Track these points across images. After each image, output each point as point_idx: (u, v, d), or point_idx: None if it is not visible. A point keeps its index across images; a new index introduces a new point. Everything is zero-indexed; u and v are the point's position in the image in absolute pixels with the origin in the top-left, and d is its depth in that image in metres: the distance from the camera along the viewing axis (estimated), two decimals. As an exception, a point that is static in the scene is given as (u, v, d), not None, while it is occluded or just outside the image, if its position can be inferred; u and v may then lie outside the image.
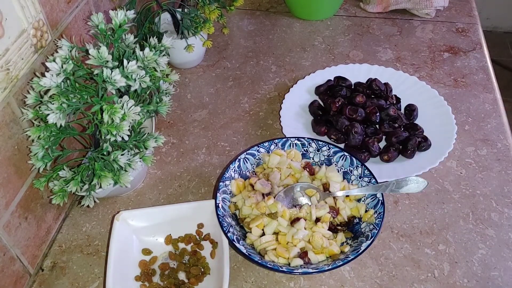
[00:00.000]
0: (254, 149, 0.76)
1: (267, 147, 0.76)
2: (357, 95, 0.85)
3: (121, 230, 0.66)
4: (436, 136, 0.81)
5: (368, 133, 0.82)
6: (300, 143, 0.77)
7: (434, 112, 0.86)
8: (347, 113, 0.83)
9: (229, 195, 0.71)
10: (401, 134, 0.80)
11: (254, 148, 0.76)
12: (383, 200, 0.68)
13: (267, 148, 0.76)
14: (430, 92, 0.89)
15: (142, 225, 0.69)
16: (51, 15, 0.68)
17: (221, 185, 0.71)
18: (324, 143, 0.76)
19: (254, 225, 0.66)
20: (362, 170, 0.72)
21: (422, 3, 1.11)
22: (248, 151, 0.75)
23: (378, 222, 0.65)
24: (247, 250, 0.64)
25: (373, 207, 0.68)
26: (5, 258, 0.62)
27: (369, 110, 0.84)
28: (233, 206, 0.71)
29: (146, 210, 0.70)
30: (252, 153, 0.76)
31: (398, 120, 0.84)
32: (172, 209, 0.70)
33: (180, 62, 1.02)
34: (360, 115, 0.83)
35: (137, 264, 0.67)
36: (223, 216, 0.67)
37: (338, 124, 0.83)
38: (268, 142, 0.77)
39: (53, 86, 0.59)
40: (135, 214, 0.68)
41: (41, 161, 0.63)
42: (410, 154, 0.79)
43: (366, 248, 0.62)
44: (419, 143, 0.80)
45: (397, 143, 0.80)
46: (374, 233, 0.64)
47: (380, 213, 0.66)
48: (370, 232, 0.65)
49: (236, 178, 0.73)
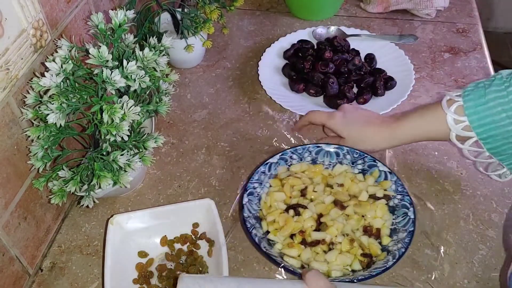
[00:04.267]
0: (286, 154, 0.75)
1: (300, 154, 0.76)
2: (325, 51, 0.95)
3: (116, 234, 0.66)
4: (398, 75, 0.94)
5: (340, 83, 0.92)
6: (335, 152, 0.76)
7: (390, 57, 0.99)
8: (319, 68, 0.93)
9: (256, 197, 0.71)
10: (369, 78, 0.93)
11: (286, 153, 0.75)
12: (414, 218, 0.67)
13: (300, 155, 0.76)
14: (381, 42, 1.03)
15: (136, 227, 0.68)
16: (50, 14, 0.68)
17: (249, 186, 0.70)
18: (360, 155, 0.75)
19: (291, 252, 0.65)
20: (396, 185, 0.71)
21: (423, 4, 1.11)
22: (281, 155, 0.75)
23: (408, 241, 0.64)
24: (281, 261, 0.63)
25: (404, 225, 0.67)
26: (4, 258, 0.62)
27: (338, 63, 0.94)
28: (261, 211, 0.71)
29: (140, 212, 0.69)
30: (284, 158, 0.75)
31: (363, 68, 0.95)
32: (166, 210, 0.70)
33: (180, 62, 1.02)
34: (331, 68, 0.93)
35: (134, 267, 0.67)
36: (248, 218, 0.67)
37: (314, 79, 0.93)
38: (302, 148, 0.76)
39: (52, 86, 0.59)
40: (129, 217, 0.68)
41: (40, 161, 0.63)
42: (381, 93, 0.91)
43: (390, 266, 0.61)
44: (386, 82, 0.92)
45: (367, 86, 0.92)
46: (402, 252, 0.63)
47: (410, 231, 0.65)
48: (398, 250, 0.63)
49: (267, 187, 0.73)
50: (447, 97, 0.68)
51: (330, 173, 0.76)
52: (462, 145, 0.68)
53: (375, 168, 0.74)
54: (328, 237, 0.66)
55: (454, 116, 0.66)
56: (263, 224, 0.69)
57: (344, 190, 0.72)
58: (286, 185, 0.72)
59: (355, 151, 0.76)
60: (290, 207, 0.70)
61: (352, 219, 0.68)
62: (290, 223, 0.67)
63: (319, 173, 0.75)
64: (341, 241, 0.66)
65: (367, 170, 0.75)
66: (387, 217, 0.69)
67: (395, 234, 0.67)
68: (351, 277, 0.61)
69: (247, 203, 0.69)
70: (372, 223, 0.68)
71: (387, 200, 0.71)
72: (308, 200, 0.71)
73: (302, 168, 0.76)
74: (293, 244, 0.66)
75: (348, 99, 0.90)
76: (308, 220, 0.68)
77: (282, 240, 0.67)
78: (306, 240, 0.67)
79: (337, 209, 0.69)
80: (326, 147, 0.76)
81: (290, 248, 0.66)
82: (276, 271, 0.68)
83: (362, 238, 0.67)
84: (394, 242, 0.66)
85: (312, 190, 0.72)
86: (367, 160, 0.75)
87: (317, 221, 0.68)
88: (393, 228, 0.68)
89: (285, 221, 0.68)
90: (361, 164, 0.75)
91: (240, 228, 0.73)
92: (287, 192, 0.72)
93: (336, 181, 0.74)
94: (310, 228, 0.67)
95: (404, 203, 0.69)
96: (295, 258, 0.65)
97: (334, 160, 0.77)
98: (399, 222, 0.68)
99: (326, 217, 0.68)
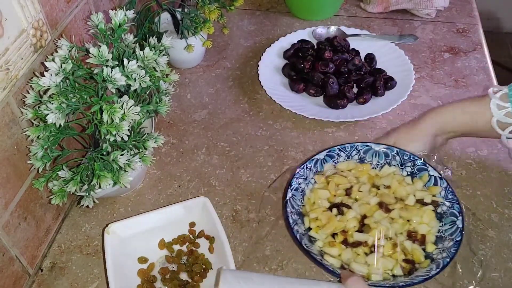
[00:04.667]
0: (334, 151, 0.74)
1: (348, 151, 0.75)
2: (325, 51, 0.95)
3: (114, 243, 0.65)
4: (398, 75, 0.94)
5: (340, 82, 0.92)
6: (384, 153, 0.74)
7: (390, 57, 0.99)
8: (319, 68, 0.93)
9: (300, 193, 0.71)
10: (368, 78, 0.92)
11: (334, 150, 0.74)
12: (462, 228, 0.64)
13: (348, 153, 0.75)
14: (381, 42, 1.03)
15: (132, 234, 0.68)
16: (50, 14, 0.68)
17: (294, 181, 0.70)
18: (411, 157, 0.73)
19: (332, 251, 0.65)
20: (445, 191, 0.69)
21: (423, 4, 1.11)
22: (328, 152, 0.74)
23: (454, 251, 0.62)
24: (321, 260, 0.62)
25: (451, 234, 0.65)
26: (4, 258, 0.62)
27: (338, 62, 0.94)
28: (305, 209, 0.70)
29: (134, 219, 0.69)
30: (331, 155, 0.74)
31: (363, 68, 0.95)
32: (161, 213, 0.69)
33: (180, 62, 1.02)
34: (331, 68, 0.93)
35: (136, 273, 0.66)
36: (291, 213, 0.66)
37: (314, 79, 0.93)
38: (351, 146, 0.75)
39: (52, 85, 0.59)
40: (124, 225, 0.67)
41: (40, 161, 0.63)
42: (381, 93, 0.91)
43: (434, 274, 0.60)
44: (386, 82, 0.92)
45: (367, 86, 0.92)
46: (446, 261, 0.61)
47: (457, 241, 0.63)
48: (442, 259, 0.61)
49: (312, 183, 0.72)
50: (494, 88, 0.72)
51: (377, 174, 0.74)
52: (502, 131, 0.70)
53: (425, 172, 0.71)
54: (370, 240, 0.64)
55: (498, 102, 0.69)
56: (305, 220, 0.68)
57: (391, 192, 0.70)
58: (331, 183, 0.71)
59: (405, 153, 0.73)
60: (334, 206, 0.69)
61: (396, 222, 0.66)
62: (333, 222, 0.66)
63: (365, 173, 0.73)
64: (384, 245, 0.64)
65: (416, 173, 0.72)
66: (433, 223, 0.67)
67: (441, 242, 0.65)
68: (392, 283, 0.60)
69: (290, 198, 0.68)
70: (417, 229, 0.66)
71: (435, 206, 0.68)
72: (352, 200, 0.69)
73: (349, 167, 0.74)
74: (334, 243, 0.65)
75: (348, 99, 0.90)
76: (351, 221, 0.66)
77: (324, 238, 0.66)
78: (348, 241, 0.65)
79: (381, 212, 0.67)
80: (376, 146, 0.75)
81: (331, 247, 0.65)
82: (276, 271, 0.68)
83: (406, 243, 0.65)
84: (439, 250, 0.64)
85: (357, 189, 0.70)
86: (417, 163, 0.72)
87: (360, 222, 0.67)
88: (439, 236, 0.66)
89: (327, 219, 0.67)
90: (410, 166, 0.73)
91: (239, 228, 0.73)
92: (332, 190, 0.70)
93: (383, 182, 0.71)
94: (353, 229, 0.66)
95: (453, 211, 0.66)
96: (335, 258, 0.64)
97: (383, 161, 0.75)
98: (446, 230, 0.65)
99: (370, 218, 0.66)
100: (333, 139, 0.86)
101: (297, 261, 0.69)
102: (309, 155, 0.83)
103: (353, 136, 0.86)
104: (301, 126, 0.89)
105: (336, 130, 0.88)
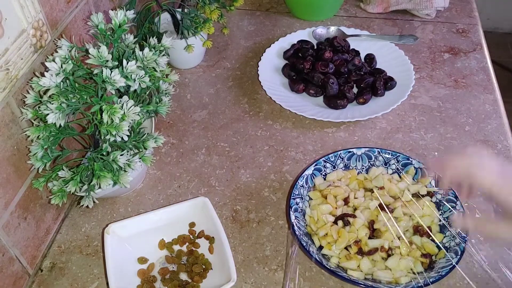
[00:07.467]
0: (320, 164, 0.74)
1: (333, 161, 0.75)
2: (325, 51, 0.96)
3: (114, 243, 0.65)
4: (398, 75, 0.94)
5: (340, 83, 0.92)
6: (366, 155, 0.75)
7: (390, 57, 0.99)
8: (319, 68, 0.93)
9: (300, 213, 0.70)
10: (368, 79, 0.92)
11: (320, 162, 0.74)
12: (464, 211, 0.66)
13: (333, 163, 0.75)
14: (381, 42, 1.03)
15: (132, 234, 0.68)
16: (50, 15, 0.68)
17: (292, 202, 0.69)
18: (393, 154, 0.74)
19: (350, 264, 0.64)
20: None
21: (423, 4, 1.11)
22: (315, 166, 0.74)
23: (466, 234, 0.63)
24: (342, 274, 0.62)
25: None
26: (4, 258, 0.62)
27: (338, 63, 0.94)
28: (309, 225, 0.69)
29: (134, 219, 0.69)
30: (318, 168, 0.74)
31: (363, 68, 0.95)
32: (161, 213, 0.69)
33: (180, 62, 1.02)
34: (331, 68, 0.93)
35: (136, 273, 0.66)
36: (300, 236, 0.65)
37: (314, 79, 0.93)
38: (334, 155, 0.75)
39: (52, 86, 0.59)
40: (123, 225, 0.67)
41: (40, 161, 0.63)
42: (381, 93, 0.91)
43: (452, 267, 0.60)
44: (386, 82, 0.92)
45: (367, 86, 0.92)
46: (462, 247, 0.62)
47: None
48: (458, 246, 0.62)
49: None
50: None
51: (366, 177, 0.74)
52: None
53: (410, 166, 0.73)
54: (386, 244, 0.64)
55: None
56: (314, 240, 0.67)
57: (385, 192, 0.71)
58: (329, 196, 0.70)
59: (386, 151, 0.74)
60: (339, 218, 0.68)
61: (402, 221, 0.66)
62: (344, 235, 0.65)
63: (354, 179, 0.74)
64: (399, 245, 0.64)
65: (402, 169, 0.73)
66: (434, 214, 0.68)
67: (446, 229, 0.66)
68: (423, 281, 0.59)
69: (295, 220, 0.67)
70: (421, 222, 0.66)
71: (431, 196, 0.69)
72: (351, 208, 0.70)
73: (338, 176, 0.74)
74: (350, 255, 0.64)
75: (348, 99, 0.90)
76: (361, 229, 0.66)
77: (338, 253, 0.65)
78: (363, 249, 0.65)
79: (384, 213, 0.67)
80: (357, 151, 0.75)
81: (349, 261, 0.64)
82: (276, 271, 0.68)
83: (414, 238, 0.65)
84: (449, 238, 0.64)
85: (353, 197, 0.70)
86: (400, 159, 0.74)
87: (370, 228, 0.67)
88: (441, 224, 0.67)
89: (338, 233, 0.66)
90: (394, 164, 0.74)
91: (239, 228, 0.73)
92: (333, 204, 0.70)
93: (374, 184, 0.72)
94: (365, 237, 0.65)
95: (449, 198, 0.68)
96: (356, 270, 0.63)
97: (367, 164, 0.75)
98: (448, 218, 0.67)
99: (378, 223, 0.66)
100: (333, 139, 0.86)
101: (297, 261, 0.68)
102: (309, 155, 0.83)
103: (353, 136, 0.86)
104: (301, 126, 0.89)
105: (336, 130, 0.88)
